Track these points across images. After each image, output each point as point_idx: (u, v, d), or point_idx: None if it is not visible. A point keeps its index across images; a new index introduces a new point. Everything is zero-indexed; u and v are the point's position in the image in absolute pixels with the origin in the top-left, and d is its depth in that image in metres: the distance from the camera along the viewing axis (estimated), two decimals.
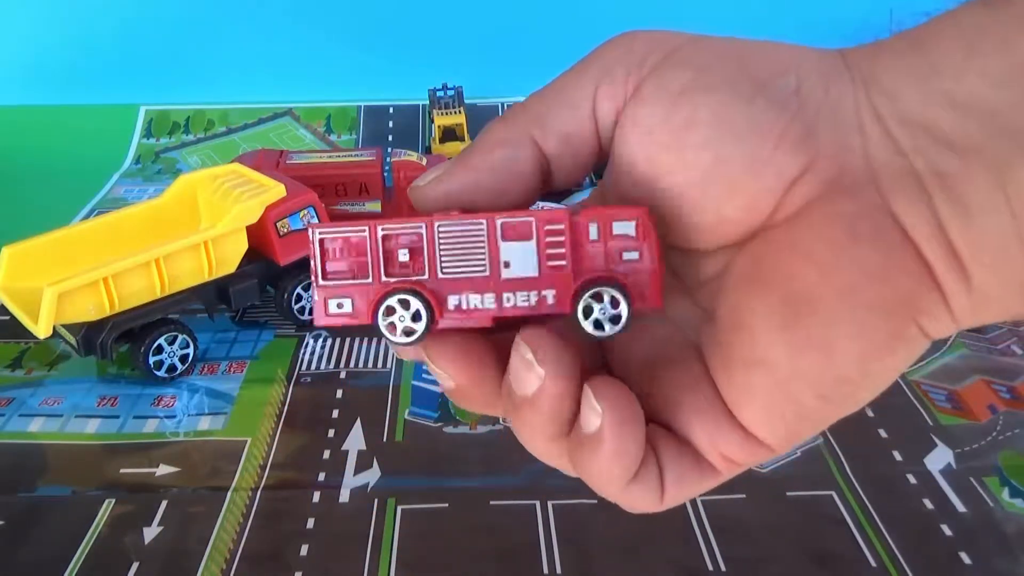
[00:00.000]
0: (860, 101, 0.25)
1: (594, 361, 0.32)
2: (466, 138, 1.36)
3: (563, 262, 0.28)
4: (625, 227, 0.29)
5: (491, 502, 0.73)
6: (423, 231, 0.29)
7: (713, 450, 0.28)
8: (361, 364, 0.92)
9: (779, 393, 0.26)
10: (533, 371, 0.26)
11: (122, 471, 0.77)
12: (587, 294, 0.28)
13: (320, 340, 0.96)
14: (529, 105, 0.29)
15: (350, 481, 0.75)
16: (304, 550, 0.68)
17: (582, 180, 0.28)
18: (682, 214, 0.27)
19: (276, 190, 0.93)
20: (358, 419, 0.83)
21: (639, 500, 0.28)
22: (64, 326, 0.84)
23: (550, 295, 0.28)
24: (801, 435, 0.27)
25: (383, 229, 0.30)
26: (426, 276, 0.29)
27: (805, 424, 0.27)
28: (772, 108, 0.26)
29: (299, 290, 0.98)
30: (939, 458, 0.77)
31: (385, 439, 0.81)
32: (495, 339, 0.29)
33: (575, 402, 0.27)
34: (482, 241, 0.29)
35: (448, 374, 0.29)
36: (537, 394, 0.26)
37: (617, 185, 0.29)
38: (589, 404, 0.26)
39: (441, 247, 0.29)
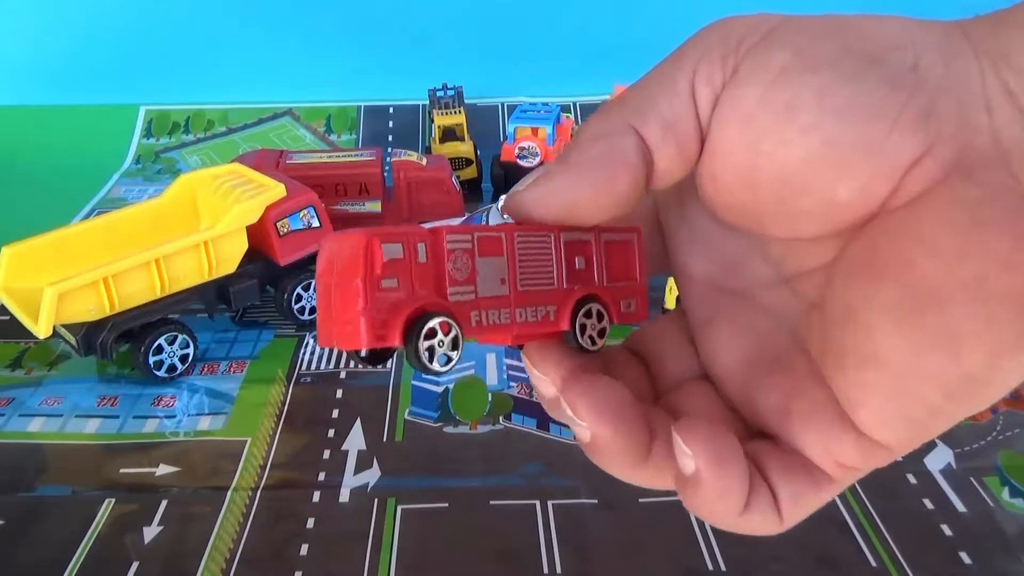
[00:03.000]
0: (987, 77, 0.24)
1: (689, 364, 0.31)
2: (466, 138, 1.36)
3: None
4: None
5: (491, 502, 0.73)
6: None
7: (827, 458, 0.26)
8: (361, 364, 0.92)
9: (900, 392, 0.24)
10: (545, 386, 0.27)
11: (122, 471, 0.77)
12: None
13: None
14: (626, 97, 0.27)
15: (350, 481, 0.75)
16: (304, 550, 0.68)
17: (686, 172, 0.28)
18: (786, 200, 0.26)
19: (276, 190, 0.93)
20: (358, 419, 0.83)
21: (758, 527, 0.26)
22: (64, 326, 0.84)
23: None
24: (925, 435, 0.25)
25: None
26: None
27: (929, 424, 0.24)
28: (885, 86, 0.24)
29: (299, 290, 0.98)
30: (939, 458, 0.77)
31: (385, 439, 0.81)
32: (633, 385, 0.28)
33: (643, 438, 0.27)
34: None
35: (587, 424, 0.26)
36: (554, 403, 0.27)
37: (714, 172, 0.27)
38: (680, 450, 0.25)
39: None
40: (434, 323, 0.25)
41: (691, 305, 0.31)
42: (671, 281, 1.02)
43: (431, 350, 0.25)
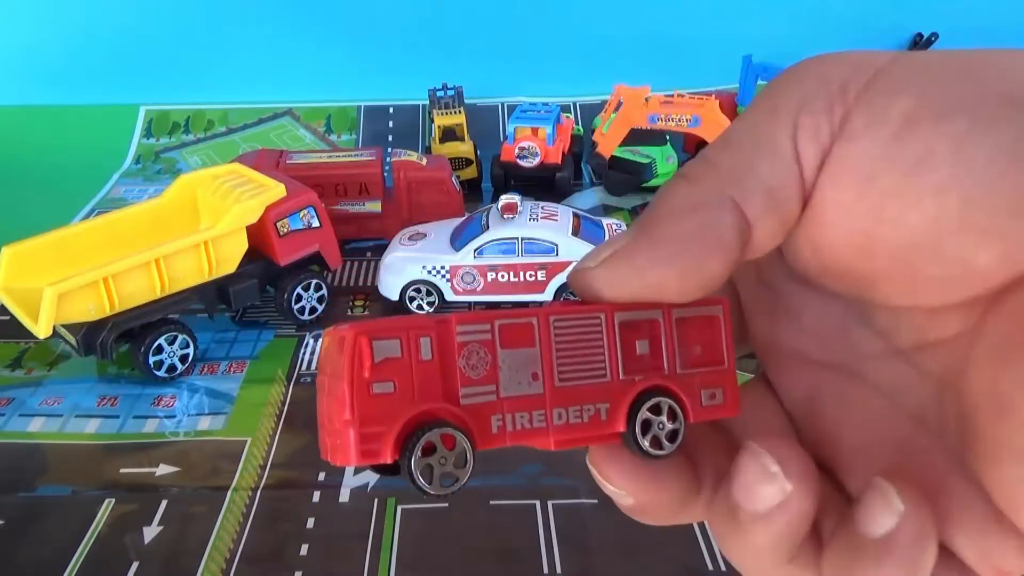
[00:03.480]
0: None
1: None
2: (466, 138, 1.36)
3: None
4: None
5: (491, 502, 0.73)
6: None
7: (984, 563, 0.22)
8: None
9: None
10: (776, 484, 0.22)
11: (122, 471, 0.77)
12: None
13: (320, 340, 0.96)
14: (718, 159, 0.23)
15: (350, 481, 0.75)
16: (304, 550, 0.68)
17: (783, 240, 0.24)
18: (909, 267, 0.22)
19: (276, 190, 0.93)
20: None
21: None
22: (64, 326, 0.84)
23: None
24: None
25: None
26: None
27: None
28: None
29: (299, 290, 0.98)
30: None
31: None
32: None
33: (811, 519, 0.23)
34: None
35: (626, 492, 0.25)
36: (777, 510, 0.22)
37: (819, 240, 0.23)
38: (886, 501, 0.21)
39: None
40: (432, 436, 0.21)
41: (783, 381, 0.27)
42: None
43: (429, 469, 0.21)
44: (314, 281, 0.99)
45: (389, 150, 1.21)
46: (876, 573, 0.21)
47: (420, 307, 1.02)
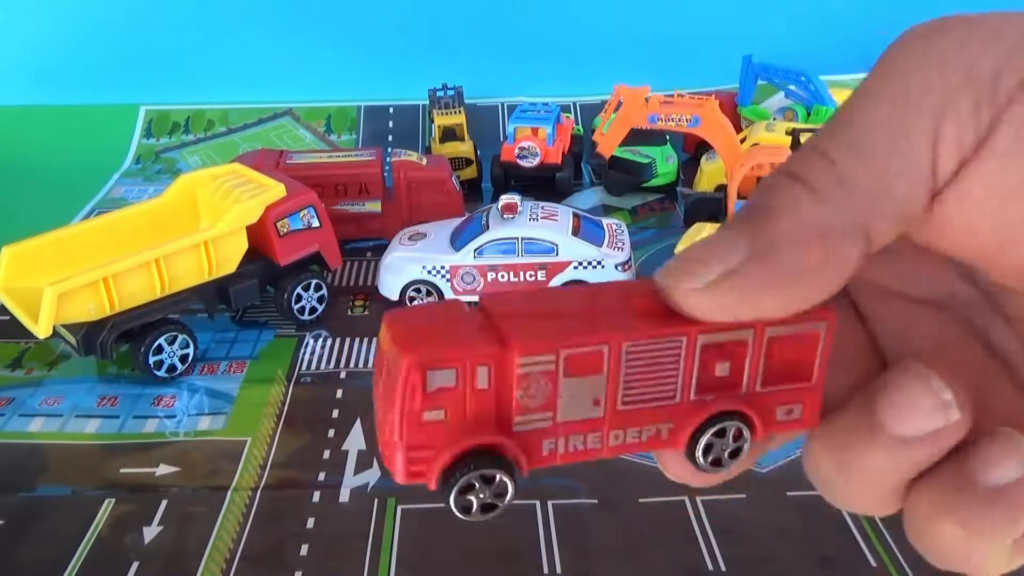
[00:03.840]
0: None
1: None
2: (466, 138, 1.36)
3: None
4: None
5: None
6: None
7: None
8: (361, 364, 0.92)
9: None
10: (943, 413, 0.20)
11: (122, 471, 0.77)
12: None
13: (320, 340, 0.96)
14: (850, 172, 0.20)
15: (350, 481, 0.75)
16: (304, 550, 0.68)
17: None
18: None
19: (276, 190, 0.93)
20: (358, 419, 0.83)
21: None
22: (64, 326, 0.84)
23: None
24: None
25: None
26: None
27: None
28: None
29: (299, 290, 0.98)
30: None
31: None
32: None
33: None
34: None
35: (688, 483, 0.24)
36: (931, 438, 0.21)
37: (935, 240, 0.22)
38: (1015, 449, 0.20)
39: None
40: (473, 477, 0.21)
41: (879, 315, 0.26)
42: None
43: (470, 502, 0.22)
44: (314, 281, 0.99)
45: (389, 150, 1.21)
46: (986, 516, 0.20)
47: None
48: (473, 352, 0.20)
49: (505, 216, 1.00)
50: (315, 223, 0.97)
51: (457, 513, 0.21)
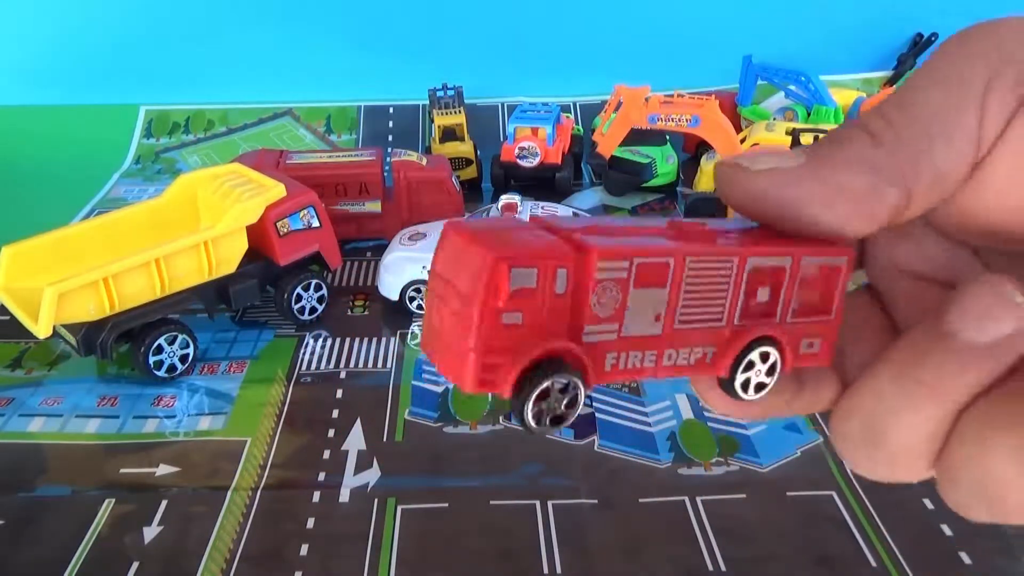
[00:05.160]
0: None
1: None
2: (466, 138, 1.36)
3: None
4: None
5: (491, 502, 0.73)
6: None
7: None
8: (361, 364, 0.92)
9: None
10: (1017, 316, 0.21)
11: (122, 471, 0.77)
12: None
13: (320, 340, 0.96)
14: (903, 128, 0.23)
15: (350, 481, 0.75)
16: (304, 550, 0.68)
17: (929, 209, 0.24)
18: None
19: (276, 190, 0.93)
20: (358, 419, 0.83)
21: None
22: (64, 326, 0.84)
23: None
24: None
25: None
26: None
27: None
28: None
29: (299, 290, 0.98)
30: None
31: (385, 439, 0.81)
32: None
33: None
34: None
35: (729, 415, 0.25)
36: (1006, 342, 0.21)
37: (972, 206, 0.23)
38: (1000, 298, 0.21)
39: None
40: (550, 384, 0.21)
41: (897, 294, 0.28)
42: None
43: (540, 412, 0.21)
44: (314, 281, 0.99)
45: (389, 150, 1.21)
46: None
47: (420, 307, 1.02)
48: (556, 253, 0.20)
49: (505, 216, 1.00)
50: (315, 223, 0.97)
51: (530, 422, 0.21)
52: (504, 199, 1.00)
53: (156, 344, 0.87)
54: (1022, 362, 0.22)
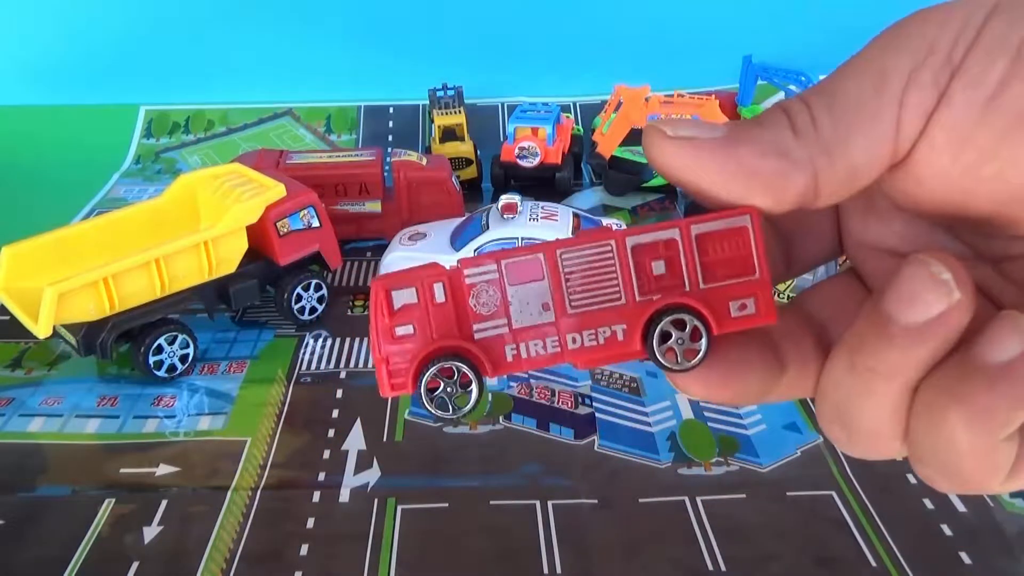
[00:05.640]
0: None
1: None
2: (466, 138, 1.36)
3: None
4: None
5: (491, 502, 0.73)
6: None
7: None
8: (361, 364, 0.92)
9: None
10: (943, 291, 0.21)
11: (122, 471, 0.77)
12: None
13: (320, 340, 0.96)
14: (820, 120, 0.23)
15: (350, 481, 0.75)
16: (304, 550, 0.68)
17: (847, 197, 0.25)
18: (1012, 215, 0.23)
19: (276, 190, 0.93)
20: (358, 419, 0.83)
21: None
22: (64, 326, 0.84)
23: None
24: None
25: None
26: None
27: None
28: None
29: (299, 290, 0.98)
30: None
31: (385, 439, 0.81)
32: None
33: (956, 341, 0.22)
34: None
35: (707, 398, 0.26)
36: (938, 322, 0.22)
37: (915, 191, 0.24)
38: (1015, 328, 0.21)
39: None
40: (434, 371, 0.24)
41: (876, 273, 0.28)
42: None
43: (443, 398, 0.25)
44: (314, 281, 0.99)
45: (389, 150, 1.21)
46: (990, 394, 0.21)
47: None
48: (428, 273, 0.25)
49: (505, 216, 1.00)
50: (315, 223, 0.97)
51: (434, 411, 0.25)
52: (504, 199, 1.00)
53: (156, 344, 0.87)
54: (969, 331, 0.22)
